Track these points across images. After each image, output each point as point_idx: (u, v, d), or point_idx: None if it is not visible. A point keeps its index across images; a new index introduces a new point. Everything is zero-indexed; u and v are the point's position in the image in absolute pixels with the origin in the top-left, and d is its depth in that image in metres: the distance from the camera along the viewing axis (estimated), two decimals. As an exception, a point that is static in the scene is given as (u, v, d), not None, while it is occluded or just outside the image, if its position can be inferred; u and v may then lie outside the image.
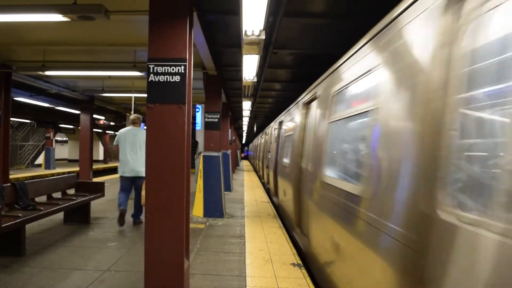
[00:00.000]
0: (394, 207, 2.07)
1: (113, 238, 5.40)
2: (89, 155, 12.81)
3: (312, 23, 5.67)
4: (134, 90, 10.32)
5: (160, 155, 3.22)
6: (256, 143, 21.55)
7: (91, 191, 6.55)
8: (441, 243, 1.57)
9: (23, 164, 22.90)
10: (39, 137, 24.27)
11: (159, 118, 3.21)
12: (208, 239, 5.51)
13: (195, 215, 7.18)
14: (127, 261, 4.41)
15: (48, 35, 6.08)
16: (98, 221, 6.57)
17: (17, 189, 4.93)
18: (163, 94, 3.21)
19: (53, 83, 10.20)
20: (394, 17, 2.29)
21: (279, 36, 5.87)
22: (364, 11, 4.85)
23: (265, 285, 3.72)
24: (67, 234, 5.55)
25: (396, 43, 2.23)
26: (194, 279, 3.84)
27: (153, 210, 3.21)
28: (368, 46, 2.76)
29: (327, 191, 3.53)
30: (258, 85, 9.90)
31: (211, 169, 7.30)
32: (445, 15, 1.72)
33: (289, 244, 5.28)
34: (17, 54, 7.41)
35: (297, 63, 8.11)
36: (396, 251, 1.96)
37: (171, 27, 3.21)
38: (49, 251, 4.68)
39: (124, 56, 7.25)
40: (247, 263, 4.43)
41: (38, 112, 16.15)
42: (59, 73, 8.21)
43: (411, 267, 1.80)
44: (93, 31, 5.84)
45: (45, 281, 3.70)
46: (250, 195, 10.81)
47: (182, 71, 3.20)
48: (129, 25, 5.50)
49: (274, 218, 7.24)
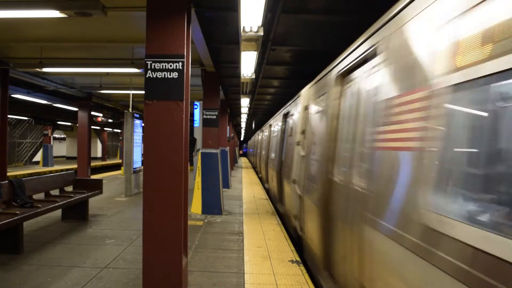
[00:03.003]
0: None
1: (111, 235, 5.39)
2: (87, 152, 12.80)
3: (310, 20, 5.64)
4: (132, 87, 10.30)
5: (158, 152, 3.21)
6: (257, 138, 20.65)
7: (89, 189, 6.54)
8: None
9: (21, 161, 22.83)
10: (37, 134, 24.18)
11: (157, 115, 3.20)
12: (206, 236, 5.52)
13: (194, 212, 7.18)
14: (125, 258, 4.41)
15: (45, 31, 6.04)
16: (96, 218, 6.56)
17: (14, 186, 4.92)
18: (161, 90, 3.19)
19: (51, 80, 10.17)
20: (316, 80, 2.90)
21: (277, 32, 5.85)
22: (362, 8, 4.84)
23: (263, 282, 3.72)
24: (65, 232, 5.54)
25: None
26: (192, 276, 3.84)
27: (151, 207, 3.20)
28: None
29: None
30: (256, 82, 9.88)
31: (209, 166, 7.30)
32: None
33: (288, 241, 5.29)
34: (14, 50, 7.37)
35: (295, 60, 8.09)
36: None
37: (169, 23, 3.19)
38: (47, 249, 4.67)
39: (121, 52, 7.22)
40: (245, 260, 4.43)
41: (35, 109, 16.09)
42: (56, 70, 8.18)
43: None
44: (91, 27, 5.80)
45: (43, 278, 3.69)
46: (248, 192, 10.82)
47: (180, 67, 3.18)
48: (126, 22, 5.47)
49: (273, 215, 7.25)
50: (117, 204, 8.17)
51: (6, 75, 7.75)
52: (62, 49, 7.19)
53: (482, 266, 1.20)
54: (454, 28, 1.60)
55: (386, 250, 2.05)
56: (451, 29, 1.62)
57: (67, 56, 7.63)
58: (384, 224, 2.10)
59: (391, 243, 1.96)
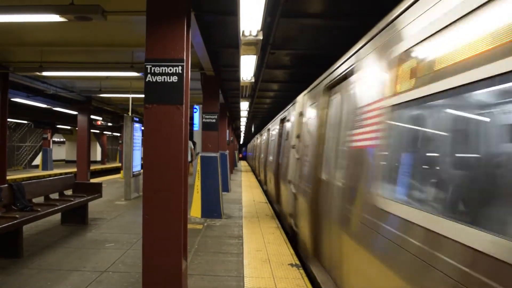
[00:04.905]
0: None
1: (111, 239, 5.39)
2: (87, 156, 12.80)
3: (310, 24, 5.67)
4: (132, 91, 10.31)
5: (157, 156, 3.22)
6: (256, 142, 20.90)
7: (89, 192, 6.54)
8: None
9: (21, 165, 22.80)
10: (36, 138, 24.16)
11: (156, 118, 3.21)
12: (206, 240, 5.51)
13: (193, 216, 7.17)
14: (125, 262, 4.40)
15: (45, 35, 6.07)
16: (95, 222, 6.55)
17: (14, 190, 4.92)
18: (161, 94, 3.20)
19: (51, 83, 10.19)
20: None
21: (276, 36, 5.87)
22: (361, 12, 4.86)
23: (263, 286, 3.72)
24: (64, 235, 5.54)
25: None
26: (192, 280, 3.84)
27: (151, 210, 3.20)
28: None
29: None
30: (256, 86, 9.90)
31: (209, 169, 7.30)
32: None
33: (287, 245, 5.29)
34: (14, 54, 7.39)
35: (294, 64, 8.12)
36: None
37: (169, 27, 3.21)
38: (46, 252, 4.67)
39: (121, 56, 7.24)
40: (245, 263, 4.43)
41: (35, 113, 16.09)
42: (56, 74, 8.20)
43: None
44: (91, 31, 5.83)
45: (43, 282, 3.69)
46: (248, 195, 10.81)
47: (180, 71, 3.20)
48: (126, 26, 5.49)
49: (272, 219, 7.24)
50: (117, 207, 8.17)
51: (6, 79, 7.77)
52: (62, 53, 7.22)
53: (402, 226, 1.94)
54: (387, 67, 2.31)
55: (352, 227, 2.71)
56: (387, 67, 2.33)
57: (67, 60, 7.66)
58: (351, 207, 2.77)
59: (357, 222, 2.62)
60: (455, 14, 1.63)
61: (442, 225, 1.57)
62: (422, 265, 1.66)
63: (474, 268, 1.36)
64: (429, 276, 1.62)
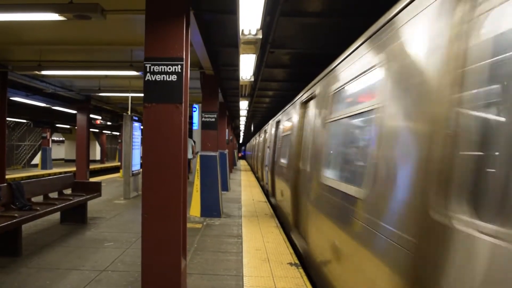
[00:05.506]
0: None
1: (110, 238, 5.38)
2: (86, 155, 12.79)
3: (309, 23, 5.67)
4: (131, 90, 10.30)
5: (156, 155, 3.21)
6: (255, 142, 21.22)
7: (88, 191, 6.53)
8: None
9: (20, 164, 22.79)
10: (35, 137, 24.15)
11: (155, 117, 3.21)
12: (205, 239, 5.51)
13: (192, 215, 7.17)
14: (124, 261, 4.40)
15: (44, 34, 6.05)
16: (95, 221, 6.55)
17: (13, 189, 4.91)
18: (160, 93, 3.20)
19: (50, 82, 10.16)
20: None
21: (276, 35, 5.87)
22: (361, 11, 4.86)
23: (262, 285, 3.72)
24: (64, 234, 5.54)
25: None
26: (191, 279, 3.84)
27: (150, 210, 3.20)
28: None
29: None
30: (255, 85, 9.90)
31: (208, 168, 7.30)
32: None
33: (286, 244, 5.29)
34: (13, 53, 7.37)
35: (294, 63, 8.12)
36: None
37: (168, 26, 3.20)
38: (46, 251, 4.66)
39: (120, 55, 7.23)
40: (244, 262, 4.43)
41: (34, 112, 16.07)
42: (55, 73, 8.18)
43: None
44: (90, 30, 5.81)
45: (42, 281, 3.69)
46: (247, 194, 10.82)
47: (179, 70, 3.19)
48: (125, 24, 5.48)
49: (271, 218, 7.25)
50: (116, 206, 8.17)
51: (5, 78, 7.75)
52: (61, 51, 7.20)
53: (329, 191, 3.39)
54: (326, 97, 3.90)
55: (312, 199, 4.21)
56: (326, 98, 3.92)
57: (66, 59, 7.63)
58: (309, 185, 4.33)
59: (313, 194, 4.12)
60: (346, 78, 3.21)
61: (340, 185, 3.08)
62: (335, 205, 3.20)
63: (346, 200, 2.88)
64: (337, 207, 3.16)
